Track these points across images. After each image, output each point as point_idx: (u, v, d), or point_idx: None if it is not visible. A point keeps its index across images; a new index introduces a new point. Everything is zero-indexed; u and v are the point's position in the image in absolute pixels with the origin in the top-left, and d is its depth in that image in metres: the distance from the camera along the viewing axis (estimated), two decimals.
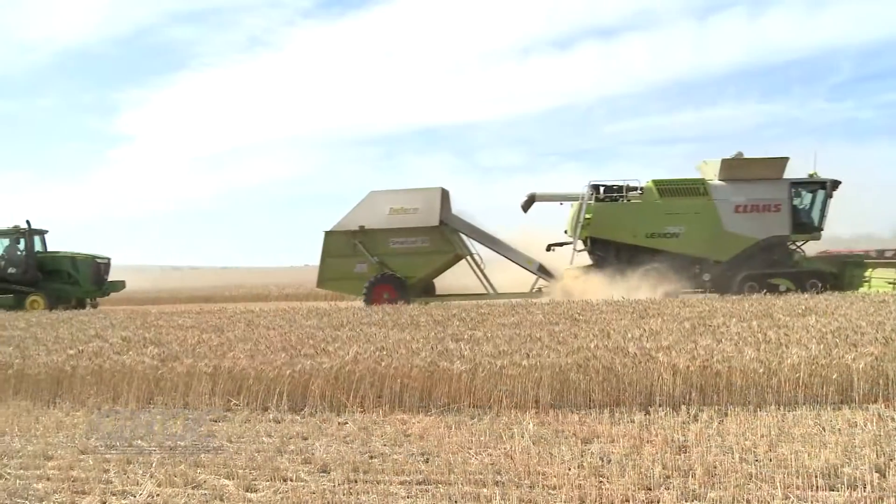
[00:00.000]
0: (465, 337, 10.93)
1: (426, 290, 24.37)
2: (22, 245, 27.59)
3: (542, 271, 23.10)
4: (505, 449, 6.37)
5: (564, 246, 23.45)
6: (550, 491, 5.26)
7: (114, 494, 5.56)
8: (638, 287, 20.36)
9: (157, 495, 5.44)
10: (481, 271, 23.43)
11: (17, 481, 5.92)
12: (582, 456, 6.05)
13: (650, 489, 5.23)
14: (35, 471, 6.28)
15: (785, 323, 11.21)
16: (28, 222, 27.66)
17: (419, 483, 5.58)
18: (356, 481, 5.68)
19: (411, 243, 23.08)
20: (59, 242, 29.60)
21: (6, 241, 27.73)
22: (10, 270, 27.29)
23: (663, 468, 5.58)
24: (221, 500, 5.35)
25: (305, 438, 7.13)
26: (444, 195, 23.60)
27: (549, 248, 23.79)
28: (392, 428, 7.40)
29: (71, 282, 27.73)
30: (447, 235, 23.28)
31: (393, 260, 23.01)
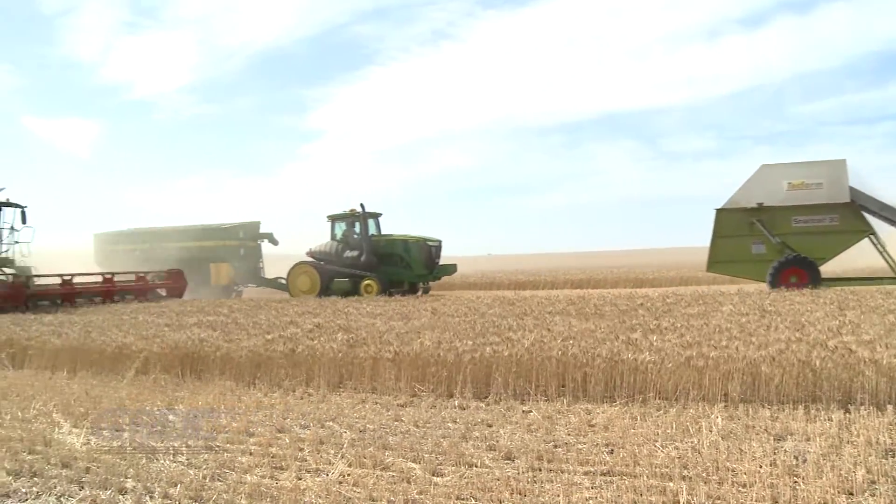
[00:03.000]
0: (651, 327, 10.73)
1: None
2: (358, 229, 27.62)
3: None
4: (692, 443, 6.20)
5: None
6: (741, 488, 5.07)
7: (308, 472, 5.83)
8: None
9: (348, 475, 5.67)
10: (885, 252, 21.08)
11: (225, 454, 6.36)
12: (774, 453, 5.80)
13: (852, 494, 4.93)
14: (239, 445, 6.71)
15: None
16: (362, 205, 27.43)
17: (603, 474, 5.53)
18: (540, 469, 5.70)
19: (818, 222, 21.07)
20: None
21: (343, 225, 28.13)
22: (347, 254, 27.40)
23: (867, 472, 5.23)
24: (408, 482, 5.49)
25: (490, 425, 7.22)
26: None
27: None
28: (576, 418, 7.38)
29: (403, 265, 27.30)
30: (859, 213, 21.00)
31: (797, 240, 21.14)
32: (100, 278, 23.84)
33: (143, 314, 16.68)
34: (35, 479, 5.83)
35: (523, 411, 7.84)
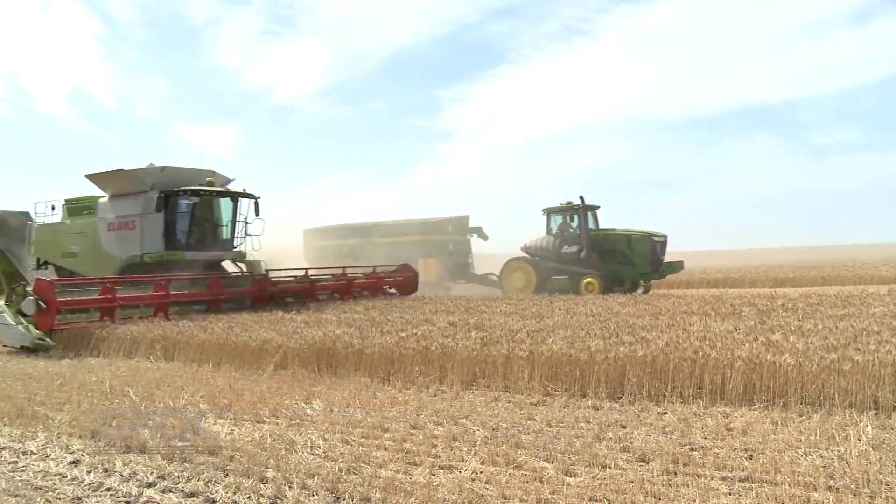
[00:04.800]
0: (793, 328, 10.31)
1: None
2: (575, 222, 26.29)
3: None
4: (839, 451, 5.91)
5: None
6: None
7: (441, 468, 5.88)
8: None
9: (481, 472, 5.69)
10: None
11: (360, 448, 6.51)
12: None
13: None
14: (374, 440, 6.85)
15: None
16: (581, 198, 25.88)
17: (742, 480, 5.36)
18: (675, 473, 5.57)
19: None
20: None
21: (560, 219, 26.79)
22: (566, 249, 26.06)
23: None
24: (541, 481, 5.47)
25: (624, 427, 7.12)
26: None
27: None
28: (713, 421, 7.17)
29: (626, 262, 25.70)
30: None
31: None
32: (335, 274, 23.26)
33: (282, 311, 17.25)
34: (185, 464, 6.16)
35: (658, 413, 7.69)
